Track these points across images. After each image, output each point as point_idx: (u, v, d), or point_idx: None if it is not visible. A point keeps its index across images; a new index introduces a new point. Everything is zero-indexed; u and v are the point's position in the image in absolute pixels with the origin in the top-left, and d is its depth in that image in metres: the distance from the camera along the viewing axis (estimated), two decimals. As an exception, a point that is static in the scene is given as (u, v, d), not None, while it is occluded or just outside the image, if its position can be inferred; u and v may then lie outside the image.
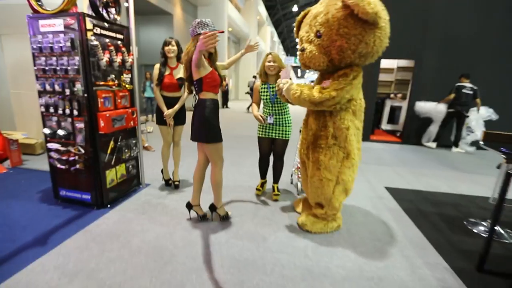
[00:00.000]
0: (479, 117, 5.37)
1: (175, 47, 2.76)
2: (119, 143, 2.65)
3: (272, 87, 2.61)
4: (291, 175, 3.44)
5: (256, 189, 3.03)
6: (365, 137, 6.07)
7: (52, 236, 2.09)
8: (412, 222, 2.51)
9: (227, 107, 13.19)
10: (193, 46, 1.99)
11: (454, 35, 5.60)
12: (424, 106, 5.81)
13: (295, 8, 25.76)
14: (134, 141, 2.86)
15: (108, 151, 2.54)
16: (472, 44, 5.58)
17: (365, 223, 2.46)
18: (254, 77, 14.17)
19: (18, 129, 4.55)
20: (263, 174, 3.02)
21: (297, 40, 2.20)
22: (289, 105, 2.60)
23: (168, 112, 2.82)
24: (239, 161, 4.28)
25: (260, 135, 2.78)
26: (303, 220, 2.31)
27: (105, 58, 2.37)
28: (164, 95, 2.85)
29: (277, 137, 2.72)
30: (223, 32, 2.13)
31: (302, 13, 2.21)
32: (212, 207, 2.38)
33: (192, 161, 3.76)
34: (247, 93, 12.94)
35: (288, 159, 3.19)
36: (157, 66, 2.80)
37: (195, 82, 2.08)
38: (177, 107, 2.87)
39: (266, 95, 2.65)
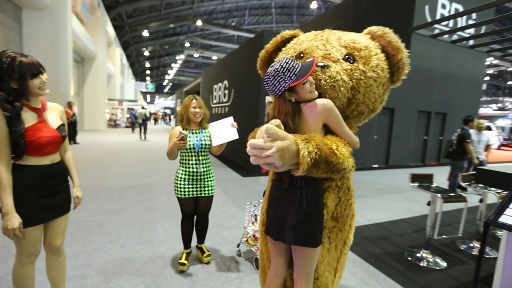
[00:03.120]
0: None
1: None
2: None
3: (196, 133, 2.30)
4: (238, 245, 2.65)
5: (180, 263, 2.33)
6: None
7: None
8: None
9: (75, 142, 10.08)
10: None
11: None
12: None
13: (145, 33, 24.19)
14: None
15: None
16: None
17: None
18: (143, 107, 13.84)
19: None
20: (187, 243, 2.43)
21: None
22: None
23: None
24: (140, 228, 2.99)
25: (181, 196, 2.27)
26: None
27: None
28: (33, 164, 1.43)
29: (202, 195, 2.32)
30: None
31: (282, 36, 1.77)
32: None
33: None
34: (138, 123, 13.26)
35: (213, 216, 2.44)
36: None
37: None
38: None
39: (189, 142, 2.24)
